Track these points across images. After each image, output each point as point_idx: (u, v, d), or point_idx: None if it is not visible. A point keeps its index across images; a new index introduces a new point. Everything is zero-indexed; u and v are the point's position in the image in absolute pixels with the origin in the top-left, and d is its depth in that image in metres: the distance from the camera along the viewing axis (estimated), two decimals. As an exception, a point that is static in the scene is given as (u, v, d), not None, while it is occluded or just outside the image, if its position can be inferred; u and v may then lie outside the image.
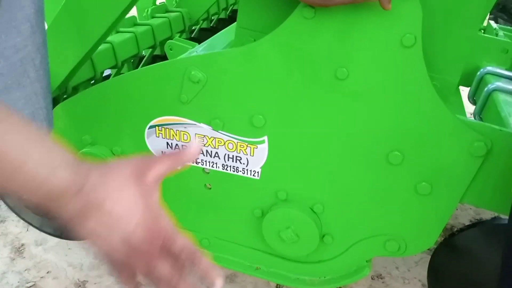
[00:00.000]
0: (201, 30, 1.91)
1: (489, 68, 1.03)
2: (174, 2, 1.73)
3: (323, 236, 0.89)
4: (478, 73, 1.05)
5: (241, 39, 0.85)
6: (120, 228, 0.44)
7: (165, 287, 0.47)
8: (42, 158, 0.42)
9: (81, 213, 0.44)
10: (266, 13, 0.81)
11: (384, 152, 0.76)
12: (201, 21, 1.91)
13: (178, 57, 1.06)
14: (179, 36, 1.70)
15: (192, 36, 1.83)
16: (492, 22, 1.42)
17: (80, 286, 1.50)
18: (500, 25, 1.45)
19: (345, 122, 0.76)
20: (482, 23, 0.80)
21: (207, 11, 1.85)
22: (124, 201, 0.45)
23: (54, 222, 1.32)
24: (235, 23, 0.88)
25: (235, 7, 2.20)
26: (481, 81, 1.03)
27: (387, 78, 0.71)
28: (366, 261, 0.90)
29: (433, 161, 0.75)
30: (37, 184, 0.41)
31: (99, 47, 1.12)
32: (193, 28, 1.86)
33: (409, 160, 0.76)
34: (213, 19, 2.06)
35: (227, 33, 1.25)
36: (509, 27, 1.42)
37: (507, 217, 0.65)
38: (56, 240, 1.64)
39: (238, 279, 1.48)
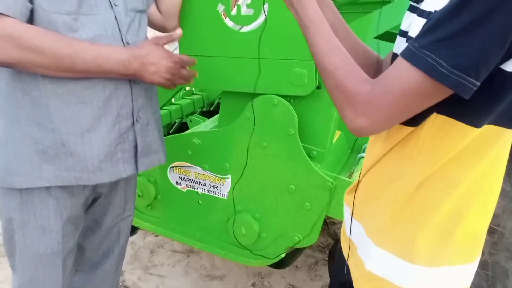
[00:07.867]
0: (218, 104, 2.72)
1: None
2: (198, 88, 2.57)
3: (260, 233, 1.59)
4: (363, 146, 1.77)
5: (220, 125, 1.63)
6: (159, 63, 1.15)
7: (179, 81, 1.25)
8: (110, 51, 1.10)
9: (140, 67, 1.12)
10: (232, 116, 1.57)
11: (286, 186, 1.49)
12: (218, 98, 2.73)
13: (191, 130, 1.85)
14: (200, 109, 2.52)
15: (211, 109, 2.64)
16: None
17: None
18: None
19: (266, 170, 1.50)
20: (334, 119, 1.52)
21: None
22: (156, 53, 1.16)
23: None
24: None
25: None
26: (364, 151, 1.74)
27: (283, 149, 1.45)
28: (284, 250, 1.59)
29: (310, 191, 1.46)
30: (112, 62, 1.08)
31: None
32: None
33: (299, 190, 1.47)
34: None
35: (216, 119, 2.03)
36: None
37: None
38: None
39: (226, 278, 2.18)
